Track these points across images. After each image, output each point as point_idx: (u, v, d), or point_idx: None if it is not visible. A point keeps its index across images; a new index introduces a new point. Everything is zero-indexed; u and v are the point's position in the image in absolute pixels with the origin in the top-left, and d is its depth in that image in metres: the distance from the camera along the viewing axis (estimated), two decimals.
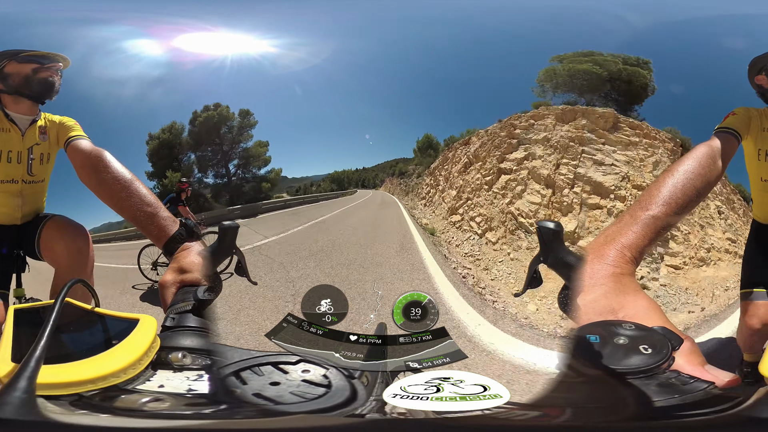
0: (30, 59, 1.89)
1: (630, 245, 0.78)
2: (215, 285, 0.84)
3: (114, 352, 0.59)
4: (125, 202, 1.08)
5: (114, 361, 0.57)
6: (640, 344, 0.59)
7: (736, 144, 1.57)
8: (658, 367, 0.57)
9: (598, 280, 0.72)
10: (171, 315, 0.77)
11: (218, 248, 0.86)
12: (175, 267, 0.89)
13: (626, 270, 0.74)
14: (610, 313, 0.67)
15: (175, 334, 0.72)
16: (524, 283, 0.83)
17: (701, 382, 0.56)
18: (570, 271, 0.74)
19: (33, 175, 1.92)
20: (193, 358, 0.67)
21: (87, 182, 1.32)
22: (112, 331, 0.66)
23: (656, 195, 0.89)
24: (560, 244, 0.75)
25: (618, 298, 0.69)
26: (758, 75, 1.86)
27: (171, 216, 1.02)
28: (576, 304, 0.70)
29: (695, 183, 0.97)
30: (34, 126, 1.92)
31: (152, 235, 1.00)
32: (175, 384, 0.60)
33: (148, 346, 0.61)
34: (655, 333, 0.61)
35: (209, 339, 0.74)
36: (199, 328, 0.75)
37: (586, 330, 0.63)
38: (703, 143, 1.26)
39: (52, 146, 1.93)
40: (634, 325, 0.62)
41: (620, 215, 0.89)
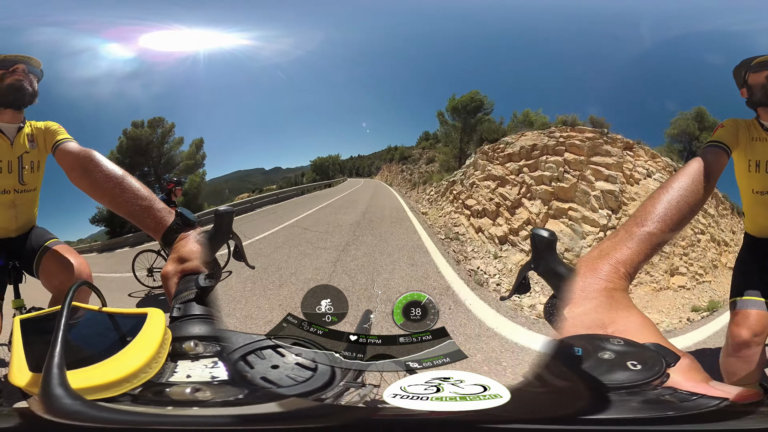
0: None
1: (624, 261, 0.77)
2: (215, 271, 0.85)
3: (132, 348, 0.59)
4: (119, 199, 1.08)
5: (137, 357, 0.58)
6: (628, 360, 0.57)
7: (726, 158, 1.58)
8: (648, 383, 0.54)
9: (589, 294, 0.71)
10: (177, 305, 0.78)
11: (215, 234, 0.88)
12: (175, 257, 0.89)
13: (619, 285, 0.73)
14: (599, 327, 0.65)
15: (183, 324, 0.73)
16: (512, 287, 0.83)
17: (707, 398, 0.53)
18: (560, 281, 0.74)
19: (25, 184, 1.90)
20: (204, 345, 0.68)
21: (79, 184, 1.32)
22: (124, 328, 0.66)
23: (652, 211, 0.89)
24: (552, 253, 0.75)
25: (609, 313, 0.68)
26: (741, 88, 1.87)
27: (166, 207, 1.02)
28: (562, 315, 0.69)
29: (689, 199, 0.98)
30: (22, 133, 1.88)
31: (149, 228, 1.00)
32: (198, 373, 0.62)
33: (161, 338, 0.62)
34: (647, 349, 0.59)
35: (215, 325, 0.75)
36: (204, 316, 0.76)
37: (570, 341, 0.61)
38: (695, 159, 1.27)
39: (41, 153, 1.91)
40: (623, 340, 0.60)
41: (615, 231, 0.89)
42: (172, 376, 0.61)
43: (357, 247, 5.19)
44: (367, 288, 4.03)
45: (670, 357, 0.58)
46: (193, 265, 0.87)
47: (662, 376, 0.55)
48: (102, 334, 0.66)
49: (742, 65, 1.86)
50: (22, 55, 1.90)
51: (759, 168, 1.79)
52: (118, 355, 0.58)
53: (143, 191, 1.07)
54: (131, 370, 0.56)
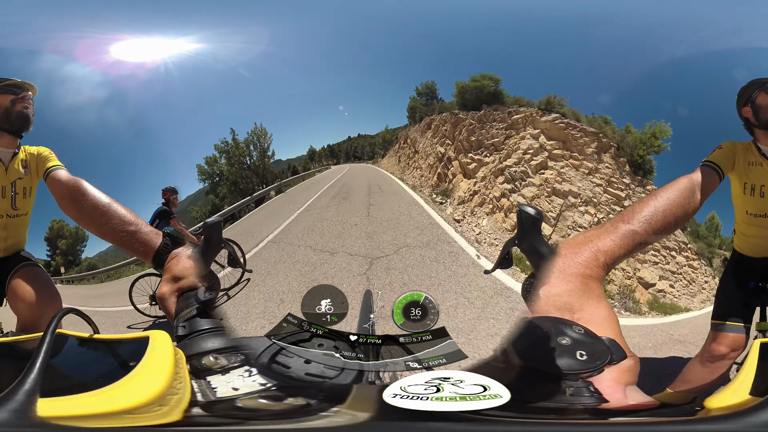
0: (8, 89, 1.86)
1: (605, 251, 0.79)
2: (213, 283, 0.85)
3: (139, 372, 0.56)
4: (106, 227, 1.08)
5: (152, 381, 0.54)
6: (578, 349, 0.60)
7: (717, 180, 1.63)
8: (578, 375, 0.58)
9: (566, 277, 0.73)
10: (180, 324, 0.77)
11: (206, 246, 0.87)
12: (169, 277, 0.89)
13: (596, 274, 0.75)
14: (568, 311, 0.68)
15: (194, 341, 0.73)
16: (496, 261, 0.85)
17: (591, 397, 0.57)
18: (540, 260, 0.75)
19: (17, 209, 1.91)
20: (225, 357, 0.67)
21: (68, 212, 1.33)
22: (124, 354, 0.64)
23: (639, 212, 0.92)
24: (537, 231, 0.76)
25: (580, 300, 0.70)
26: (744, 107, 1.87)
27: (153, 230, 1.02)
28: (537, 294, 0.71)
29: (675, 211, 1.02)
30: (16, 159, 1.89)
31: (138, 252, 1.00)
32: (242, 383, 0.62)
33: (173, 359, 0.59)
34: (601, 343, 0.62)
35: (227, 335, 0.75)
36: (214, 329, 0.76)
37: (537, 321, 0.65)
38: (685, 176, 1.33)
39: (33, 179, 1.92)
40: (584, 329, 0.63)
41: (602, 223, 0.92)
42: (215, 393, 0.59)
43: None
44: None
45: (617, 354, 0.61)
46: (188, 282, 0.86)
47: (596, 371, 0.59)
48: (95, 362, 0.64)
49: (755, 84, 1.86)
50: (30, 82, 1.93)
51: (754, 192, 1.83)
52: (126, 379, 0.54)
53: (129, 217, 1.07)
54: (152, 395, 0.52)
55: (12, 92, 1.86)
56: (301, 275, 4.58)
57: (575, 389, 0.57)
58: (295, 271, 4.71)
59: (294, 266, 4.85)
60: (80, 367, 0.63)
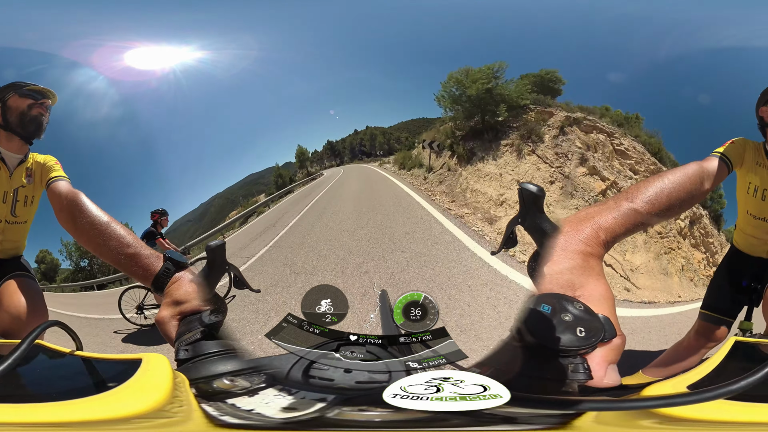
0: (29, 94, 1.85)
1: (606, 228, 0.80)
2: (219, 306, 0.84)
3: (118, 393, 0.55)
4: (104, 248, 1.06)
5: (136, 401, 0.53)
6: (578, 326, 0.62)
7: (726, 172, 1.64)
8: (577, 351, 0.61)
9: (568, 254, 0.74)
10: (182, 348, 0.76)
11: (210, 270, 0.85)
12: (170, 301, 0.87)
13: (596, 251, 0.77)
14: (570, 288, 0.70)
15: (200, 365, 0.72)
16: (501, 242, 0.84)
17: (584, 374, 0.61)
18: (543, 237, 0.75)
19: (16, 216, 1.88)
20: (246, 378, 0.66)
21: (65, 227, 1.31)
22: (105, 374, 0.62)
23: (643, 192, 0.92)
24: (539, 208, 0.76)
25: (581, 277, 0.71)
26: (763, 106, 1.87)
27: (154, 252, 1.00)
28: (542, 271, 0.72)
29: (680, 195, 1.01)
30: (22, 167, 1.88)
31: (138, 276, 0.98)
32: (283, 402, 0.61)
33: (171, 381, 0.58)
34: (597, 320, 0.64)
35: (241, 357, 0.74)
36: (223, 351, 0.75)
37: (542, 299, 0.66)
38: (695, 161, 1.32)
39: (37, 188, 1.90)
40: (583, 306, 0.65)
41: (605, 199, 0.93)
42: (253, 414, 0.58)
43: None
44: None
45: (609, 332, 0.63)
46: (191, 306, 0.85)
47: (591, 348, 0.62)
48: (65, 378, 0.62)
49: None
50: (52, 90, 1.92)
51: (756, 194, 1.86)
52: (98, 396, 0.53)
53: (128, 238, 1.04)
54: (130, 413, 0.51)
55: (32, 97, 1.86)
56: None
57: (574, 366, 0.60)
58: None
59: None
60: (48, 380, 0.62)
